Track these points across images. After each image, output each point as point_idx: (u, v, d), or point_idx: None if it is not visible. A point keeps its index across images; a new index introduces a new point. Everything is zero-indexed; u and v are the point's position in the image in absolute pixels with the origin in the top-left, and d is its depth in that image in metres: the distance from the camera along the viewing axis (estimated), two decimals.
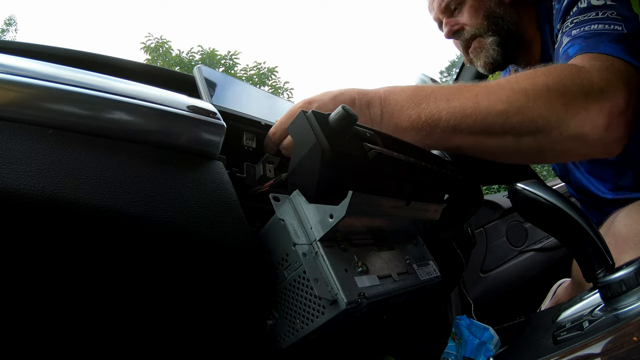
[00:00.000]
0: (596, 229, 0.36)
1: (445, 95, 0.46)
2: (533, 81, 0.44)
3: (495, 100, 0.44)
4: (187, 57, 8.17)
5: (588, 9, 0.56)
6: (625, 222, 0.57)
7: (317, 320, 0.34)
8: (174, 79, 0.64)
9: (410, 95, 0.47)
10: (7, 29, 11.64)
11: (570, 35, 0.55)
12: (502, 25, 0.73)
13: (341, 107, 0.31)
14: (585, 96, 0.44)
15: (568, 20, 0.58)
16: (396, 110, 0.46)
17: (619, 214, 0.61)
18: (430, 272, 0.45)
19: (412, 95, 0.47)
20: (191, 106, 0.39)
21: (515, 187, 0.39)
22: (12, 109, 0.31)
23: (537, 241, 1.16)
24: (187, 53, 8.27)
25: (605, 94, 0.44)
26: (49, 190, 0.28)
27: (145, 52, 8.09)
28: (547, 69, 0.46)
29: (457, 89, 0.47)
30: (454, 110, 0.45)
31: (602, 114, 0.43)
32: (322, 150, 0.29)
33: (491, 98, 0.44)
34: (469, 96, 0.45)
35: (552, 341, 0.35)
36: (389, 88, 0.49)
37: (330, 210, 0.34)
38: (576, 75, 0.45)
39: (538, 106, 0.43)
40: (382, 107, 0.47)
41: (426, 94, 0.47)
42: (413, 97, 0.47)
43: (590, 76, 0.45)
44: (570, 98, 0.43)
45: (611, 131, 0.44)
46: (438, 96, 0.46)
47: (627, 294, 0.32)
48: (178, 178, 0.35)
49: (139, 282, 0.34)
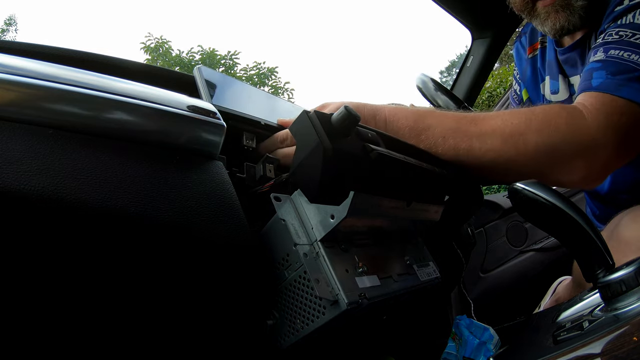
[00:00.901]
0: (596, 229, 0.36)
1: (441, 132, 0.49)
2: (524, 137, 0.47)
3: (487, 149, 0.48)
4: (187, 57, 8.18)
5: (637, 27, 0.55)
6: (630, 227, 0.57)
7: (318, 320, 0.34)
8: (174, 79, 0.64)
9: (412, 126, 0.50)
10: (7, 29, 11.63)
11: (607, 54, 0.55)
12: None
13: (344, 107, 0.31)
14: (573, 155, 0.47)
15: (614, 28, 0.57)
16: (399, 135, 0.49)
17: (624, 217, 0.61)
18: (430, 272, 0.45)
19: (413, 126, 0.50)
20: (191, 106, 0.39)
21: (515, 187, 0.39)
22: (12, 109, 0.31)
23: (537, 241, 1.16)
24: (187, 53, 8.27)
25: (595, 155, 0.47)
26: (49, 190, 0.28)
27: (145, 52, 8.09)
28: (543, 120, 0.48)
29: (454, 126, 0.50)
30: (448, 149, 0.49)
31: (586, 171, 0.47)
32: (324, 150, 0.29)
33: (483, 144, 0.48)
34: (463, 138, 0.49)
35: (552, 341, 0.35)
36: (392, 109, 0.52)
37: (332, 211, 0.34)
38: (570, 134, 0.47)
39: (526, 162, 0.48)
40: (385, 124, 0.50)
41: (425, 126, 0.50)
42: (414, 127, 0.50)
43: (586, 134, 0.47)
44: (558, 157, 0.47)
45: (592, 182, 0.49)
46: (436, 132, 0.50)
47: (627, 294, 0.32)
48: (178, 178, 0.35)
49: (139, 282, 0.34)
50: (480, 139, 0.48)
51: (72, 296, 0.32)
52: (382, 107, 0.52)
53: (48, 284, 0.31)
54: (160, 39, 8.12)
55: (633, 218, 0.60)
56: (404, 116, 0.51)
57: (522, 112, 0.50)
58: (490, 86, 5.31)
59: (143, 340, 0.35)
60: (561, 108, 0.51)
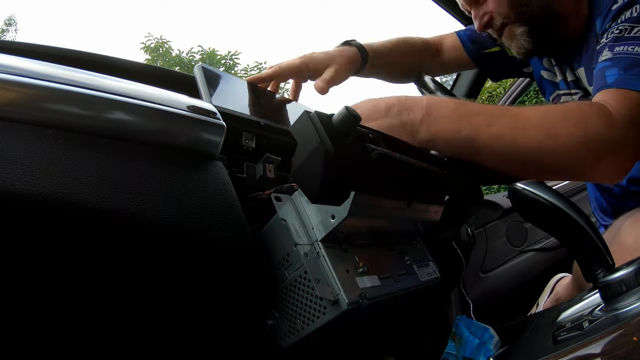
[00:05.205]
0: (596, 229, 0.37)
1: (485, 119, 0.50)
2: (565, 130, 0.49)
3: (530, 139, 0.49)
4: (187, 57, 8.17)
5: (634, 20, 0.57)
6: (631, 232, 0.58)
7: (318, 320, 0.34)
8: (174, 79, 0.64)
9: (453, 109, 0.50)
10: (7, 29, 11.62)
11: (613, 52, 0.57)
12: (529, 13, 0.69)
13: (344, 108, 0.31)
14: (605, 152, 0.49)
15: (615, 26, 0.59)
16: (438, 119, 0.49)
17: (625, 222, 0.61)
18: (430, 273, 0.45)
19: (454, 109, 0.50)
20: (191, 106, 0.39)
21: (515, 187, 0.39)
22: (12, 109, 0.31)
23: (537, 241, 1.16)
24: (187, 53, 8.27)
25: (622, 150, 0.49)
26: (49, 190, 0.28)
27: (145, 52, 8.09)
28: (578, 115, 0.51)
29: (497, 114, 0.51)
30: (491, 136, 0.49)
31: (615, 167, 0.50)
32: (325, 150, 0.29)
33: (527, 135, 0.49)
34: (507, 126, 0.50)
35: (552, 341, 0.35)
36: (431, 98, 0.52)
37: (332, 211, 0.34)
38: (602, 131, 0.49)
39: (564, 153, 0.49)
40: (423, 113, 0.50)
41: (467, 111, 0.50)
42: (455, 111, 0.50)
43: (615, 132, 0.49)
44: (593, 153, 0.49)
45: (616, 178, 0.51)
46: (479, 117, 0.50)
47: (627, 294, 0.32)
48: (178, 178, 0.35)
49: (139, 282, 0.34)
50: (524, 129, 0.49)
51: (71, 296, 0.32)
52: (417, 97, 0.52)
53: (48, 284, 0.31)
54: (160, 39, 8.12)
55: (634, 222, 0.60)
56: (444, 101, 0.51)
57: (558, 108, 0.53)
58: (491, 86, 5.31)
59: (143, 340, 0.35)
60: (591, 105, 0.53)
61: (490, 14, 0.72)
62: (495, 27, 0.73)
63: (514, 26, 0.71)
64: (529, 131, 0.49)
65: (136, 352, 0.35)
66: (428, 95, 0.52)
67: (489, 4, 0.71)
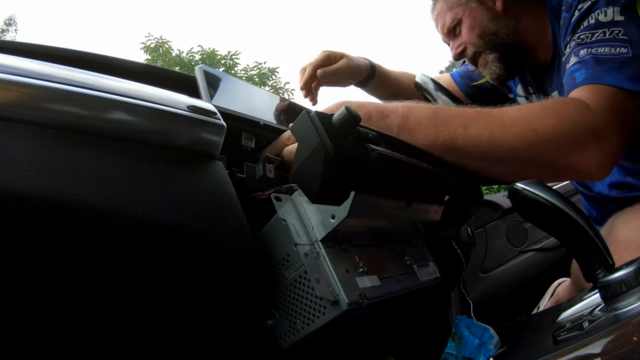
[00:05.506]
0: (596, 229, 0.37)
1: (462, 122, 0.49)
2: (543, 122, 0.49)
3: (509, 136, 0.49)
4: (187, 57, 8.16)
5: (596, 26, 0.59)
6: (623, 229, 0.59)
7: (318, 320, 0.34)
8: (174, 79, 0.64)
9: (429, 117, 0.50)
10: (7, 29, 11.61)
11: (578, 56, 0.58)
12: (498, 41, 0.76)
13: (344, 108, 0.31)
14: (587, 139, 0.49)
15: (576, 35, 0.61)
16: (415, 128, 0.49)
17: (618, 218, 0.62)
18: (430, 273, 0.45)
19: (431, 117, 0.50)
20: (191, 106, 0.39)
21: (515, 187, 0.39)
22: (12, 109, 0.31)
23: (537, 241, 1.16)
24: (187, 53, 8.25)
25: (604, 138, 0.49)
26: (49, 190, 0.28)
27: (145, 52, 8.07)
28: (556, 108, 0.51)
29: (474, 117, 0.50)
30: (470, 138, 0.49)
31: (598, 155, 0.50)
32: (325, 150, 0.29)
33: (505, 133, 0.49)
34: (485, 127, 0.49)
35: (552, 341, 0.35)
36: (407, 105, 0.51)
37: (332, 211, 0.34)
38: (581, 118, 0.50)
39: (546, 146, 0.49)
40: (399, 121, 0.49)
41: (444, 117, 0.50)
42: (432, 118, 0.50)
43: (594, 119, 0.50)
44: (574, 141, 0.49)
45: (603, 169, 0.51)
46: (456, 122, 0.49)
47: (627, 294, 0.32)
48: (178, 178, 0.35)
49: (139, 282, 0.34)
50: (501, 127, 0.49)
51: (71, 297, 0.32)
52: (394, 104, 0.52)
53: (48, 284, 0.31)
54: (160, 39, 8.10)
55: (625, 220, 0.61)
56: (420, 109, 0.51)
57: (535, 104, 0.53)
58: None
59: (144, 340, 0.35)
60: (567, 99, 0.53)
61: (465, 45, 0.80)
62: (469, 56, 0.80)
63: (485, 54, 0.78)
64: (507, 128, 0.49)
65: (136, 352, 0.35)
66: (405, 103, 0.52)
67: (463, 36, 0.79)
